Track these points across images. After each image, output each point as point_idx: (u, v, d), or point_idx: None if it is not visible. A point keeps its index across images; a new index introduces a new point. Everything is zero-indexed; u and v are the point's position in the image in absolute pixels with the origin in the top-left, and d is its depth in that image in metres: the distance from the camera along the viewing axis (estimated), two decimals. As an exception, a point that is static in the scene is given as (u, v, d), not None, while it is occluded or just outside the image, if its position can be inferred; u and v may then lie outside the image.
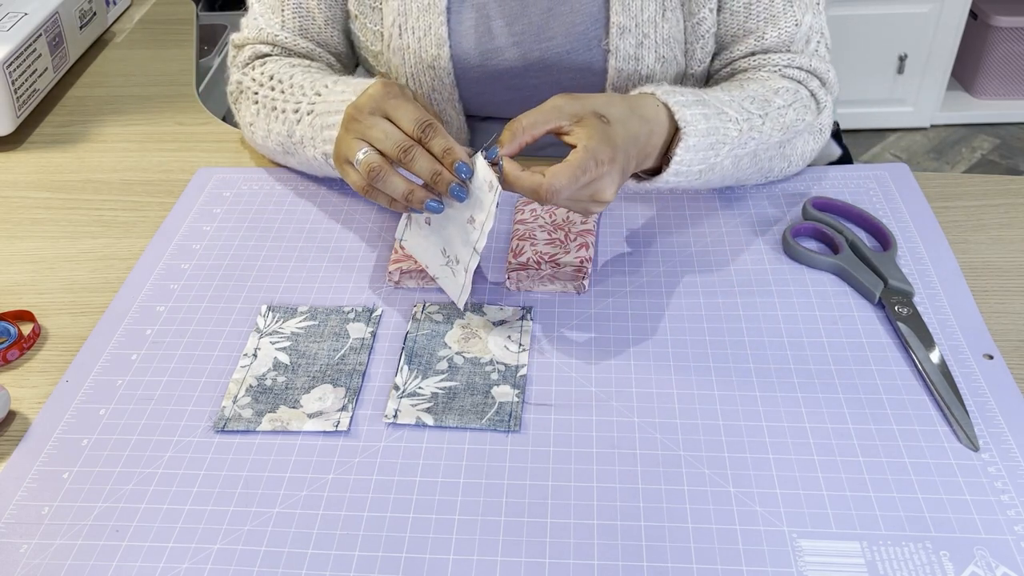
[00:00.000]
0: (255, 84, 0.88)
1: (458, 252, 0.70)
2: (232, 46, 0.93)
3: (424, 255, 0.74)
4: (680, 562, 0.55)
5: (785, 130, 0.79)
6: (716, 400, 0.65)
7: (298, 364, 0.70)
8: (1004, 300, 0.74)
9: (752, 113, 0.77)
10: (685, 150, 0.72)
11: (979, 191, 0.86)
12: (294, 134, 0.82)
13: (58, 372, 0.71)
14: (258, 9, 0.91)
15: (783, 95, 0.80)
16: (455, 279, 0.71)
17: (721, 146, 0.74)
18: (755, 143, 0.77)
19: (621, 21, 0.83)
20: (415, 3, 0.85)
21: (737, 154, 0.76)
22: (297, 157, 0.85)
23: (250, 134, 0.90)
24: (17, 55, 1.02)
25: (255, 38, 0.91)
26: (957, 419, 0.63)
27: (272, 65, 0.88)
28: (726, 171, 0.78)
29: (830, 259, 0.76)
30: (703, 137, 0.72)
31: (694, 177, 0.75)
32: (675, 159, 0.72)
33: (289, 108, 0.83)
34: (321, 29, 0.91)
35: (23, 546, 0.58)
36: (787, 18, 0.83)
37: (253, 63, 0.90)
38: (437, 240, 0.72)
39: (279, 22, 0.90)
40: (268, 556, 0.57)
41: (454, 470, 0.61)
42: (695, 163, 0.73)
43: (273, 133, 0.85)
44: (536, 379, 0.68)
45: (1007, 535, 0.56)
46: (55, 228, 0.88)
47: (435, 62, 0.87)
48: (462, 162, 0.66)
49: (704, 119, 0.73)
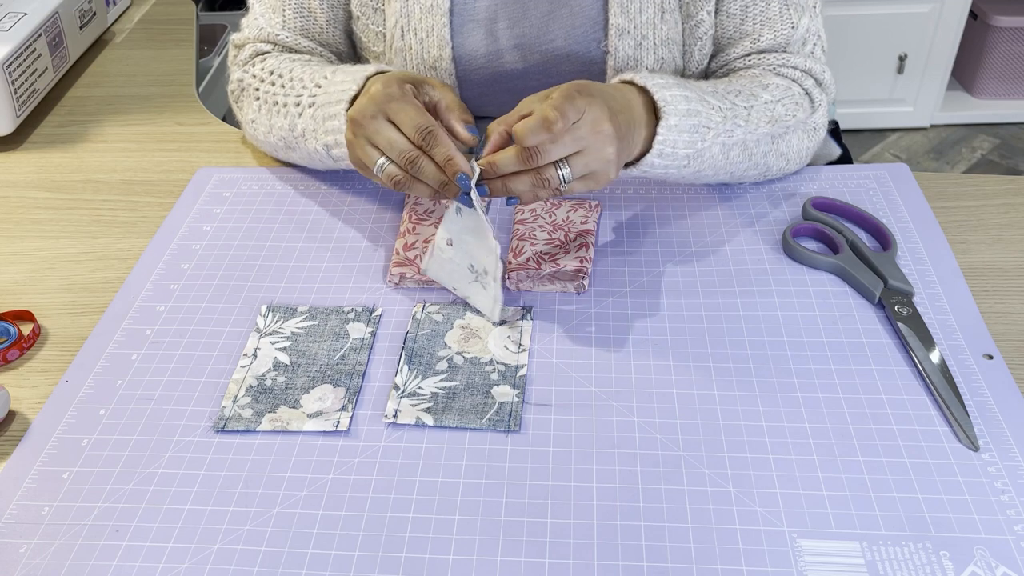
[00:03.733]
0: (256, 80, 0.88)
1: (485, 264, 0.70)
2: (232, 46, 0.93)
3: (451, 278, 0.74)
4: (680, 562, 0.55)
5: (774, 123, 0.79)
6: (716, 400, 0.65)
7: (298, 364, 0.70)
8: (1004, 300, 0.74)
9: (736, 104, 0.77)
10: (668, 129, 0.72)
11: (979, 191, 0.86)
12: (296, 127, 0.83)
13: (58, 372, 0.71)
14: (258, 9, 0.91)
15: (772, 90, 0.80)
16: (486, 292, 0.71)
17: (706, 130, 0.74)
18: (742, 131, 0.77)
19: (620, 23, 0.84)
20: (417, 5, 0.85)
21: (725, 142, 0.76)
22: (299, 151, 0.85)
23: (252, 131, 0.90)
24: (17, 55, 1.02)
25: (256, 37, 0.91)
26: (957, 419, 0.63)
27: (272, 60, 0.88)
28: (717, 161, 0.78)
29: (830, 259, 0.76)
30: (684, 118, 0.73)
31: (681, 162, 0.75)
32: (658, 139, 0.72)
33: (290, 102, 0.83)
34: (323, 29, 0.91)
35: (23, 546, 0.58)
36: (783, 21, 0.83)
37: (253, 60, 0.90)
38: (463, 258, 0.72)
39: (280, 22, 0.90)
40: (268, 556, 0.57)
41: (454, 470, 0.61)
42: (680, 145, 0.73)
43: (275, 128, 0.86)
44: (536, 379, 0.68)
45: (1007, 535, 0.56)
46: (55, 228, 0.88)
47: (437, 63, 0.87)
48: (463, 174, 0.67)
49: (685, 101, 0.73)
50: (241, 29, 0.93)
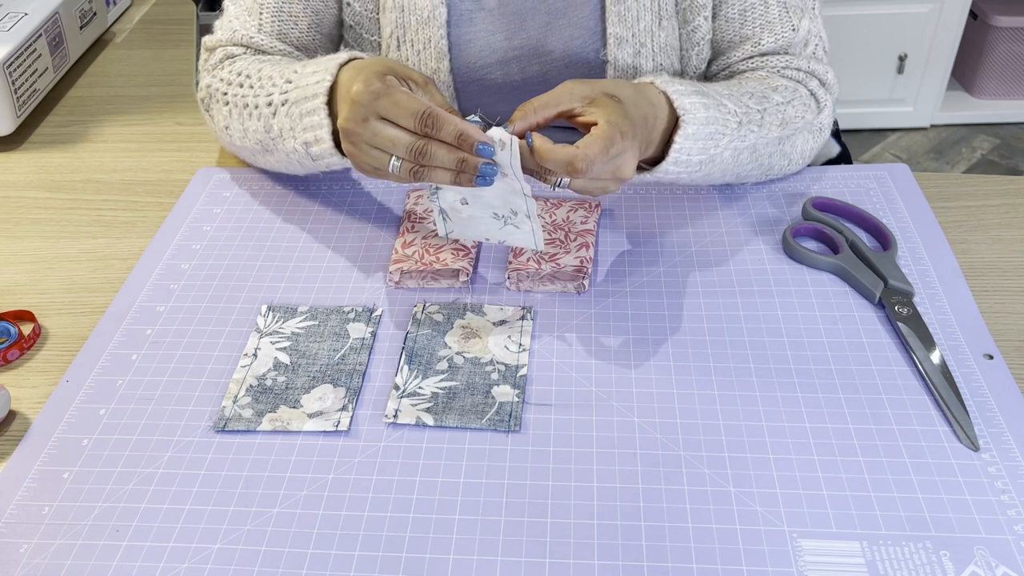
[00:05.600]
0: (224, 84, 0.84)
1: (512, 205, 0.69)
2: (204, 49, 0.90)
3: (478, 231, 0.73)
4: (680, 562, 0.55)
5: (784, 125, 0.79)
6: (716, 400, 0.65)
7: (298, 364, 0.70)
8: (1004, 300, 0.74)
9: (750, 107, 0.77)
10: (684, 138, 0.72)
11: (979, 191, 0.86)
12: (271, 128, 0.79)
13: (58, 372, 0.71)
14: (233, 12, 0.88)
15: (782, 92, 0.80)
16: (521, 230, 0.71)
17: (721, 136, 0.74)
18: (754, 136, 0.77)
19: (618, 32, 0.83)
20: (413, 16, 0.85)
21: (736, 147, 0.76)
22: (276, 154, 0.81)
23: (227, 138, 0.86)
24: (17, 55, 1.02)
25: (228, 40, 0.87)
26: (957, 419, 0.63)
27: (241, 62, 0.84)
28: (726, 165, 0.78)
29: (830, 259, 0.76)
30: (702, 126, 0.72)
31: (694, 168, 0.75)
32: (675, 147, 0.72)
33: (261, 102, 0.79)
34: (303, 33, 0.88)
35: (23, 546, 0.58)
36: (784, 24, 0.83)
37: (223, 63, 0.86)
38: (483, 210, 0.71)
39: (255, 25, 0.87)
40: (268, 556, 0.57)
41: (454, 470, 0.61)
42: (695, 152, 0.73)
43: (250, 132, 0.81)
44: (536, 379, 0.68)
45: (1007, 535, 0.56)
46: (55, 228, 0.88)
47: (434, 75, 0.86)
48: (482, 144, 0.65)
49: (703, 108, 0.73)
50: (214, 32, 0.89)
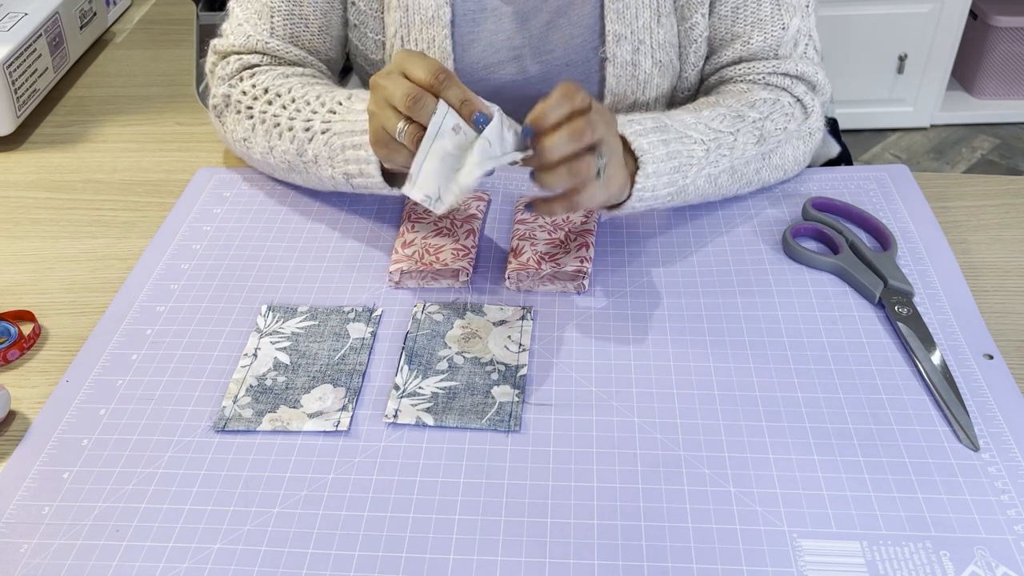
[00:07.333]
0: (247, 98, 0.84)
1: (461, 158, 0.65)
2: (213, 53, 0.89)
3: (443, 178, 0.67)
4: (680, 562, 0.55)
5: (762, 141, 0.79)
6: (716, 400, 0.65)
7: (298, 364, 0.70)
8: (1004, 300, 0.74)
9: (720, 132, 0.77)
10: (646, 177, 0.72)
11: (979, 191, 0.86)
12: (305, 152, 0.79)
13: (58, 372, 0.71)
14: (241, 15, 0.87)
15: (759, 107, 0.80)
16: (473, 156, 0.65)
17: (688, 168, 0.75)
18: (728, 160, 0.77)
19: (617, 29, 0.84)
20: (418, 15, 0.85)
21: (710, 172, 0.77)
22: (304, 175, 0.82)
23: (244, 149, 0.86)
24: (17, 55, 1.02)
25: (242, 46, 0.87)
26: (957, 419, 0.63)
27: (263, 76, 0.84)
28: (704, 190, 0.78)
29: (830, 259, 0.76)
30: (663, 162, 0.73)
31: (664, 200, 0.76)
32: (636, 187, 0.72)
33: (297, 126, 0.79)
34: (314, 36, 0.88)
35: (23, 546, 0.58)
36: (774, 22, 0.83)
37: (241, 74, 0.86)
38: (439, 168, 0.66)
39: (267, 28, 0.86)
40: (268, 556, 0.57)
41: (454, 470, 0.61)
42: (660, 187, 0.74)
43: (277, 151, 0.82)
44: (536, 379, 0.68)
45: (1007, 535, 0.56)
46: (55, 228, 0.88)
47: None
48: (480, 113, 0.64)
49: (663, 144, 0.73)
50: (223, 35, 0.89)
